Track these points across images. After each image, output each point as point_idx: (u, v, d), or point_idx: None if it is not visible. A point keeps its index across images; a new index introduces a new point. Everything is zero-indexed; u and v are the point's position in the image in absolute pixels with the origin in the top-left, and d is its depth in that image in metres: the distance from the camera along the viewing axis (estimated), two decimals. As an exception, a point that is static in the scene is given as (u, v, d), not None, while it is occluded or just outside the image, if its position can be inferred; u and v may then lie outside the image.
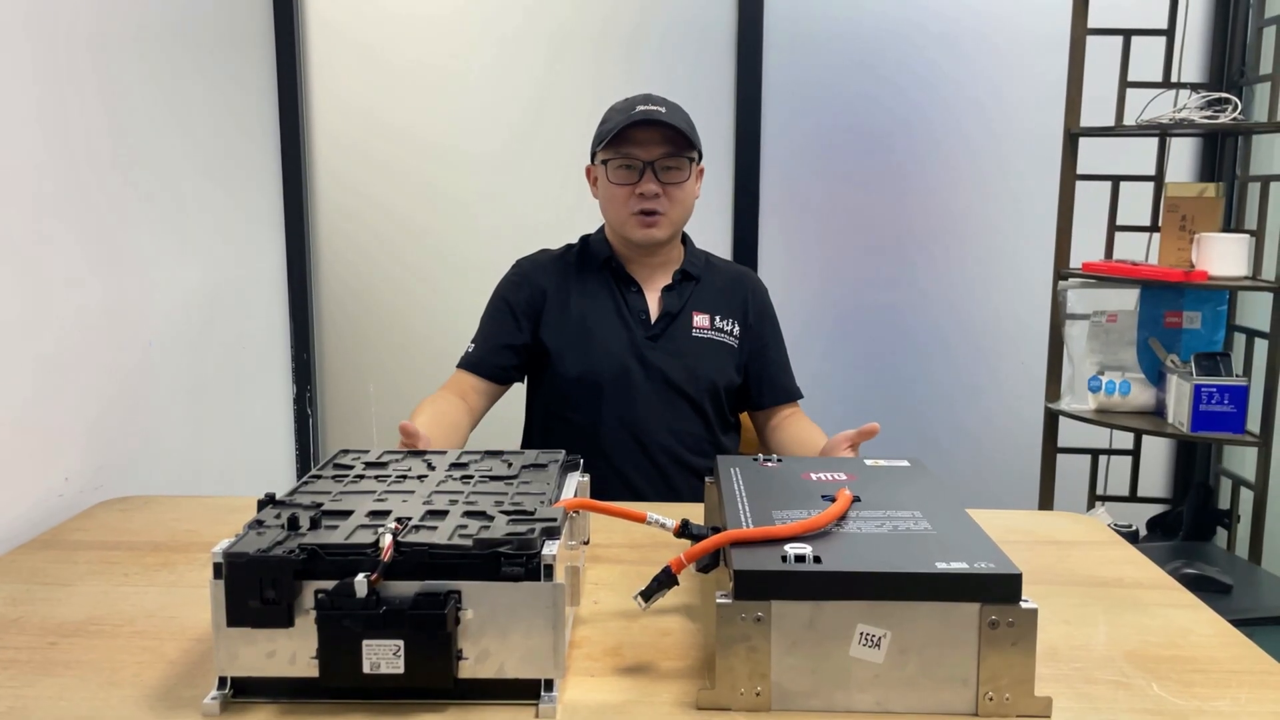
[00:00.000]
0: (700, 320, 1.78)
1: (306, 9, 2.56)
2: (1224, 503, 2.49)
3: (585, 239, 1.85)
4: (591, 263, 1.80)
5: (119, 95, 1.79)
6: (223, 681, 0.91)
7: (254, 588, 0.88)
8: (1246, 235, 2.17)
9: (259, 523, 0.96)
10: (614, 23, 2.56)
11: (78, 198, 1.66)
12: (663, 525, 1.05)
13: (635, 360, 1.74)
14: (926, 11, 2.54)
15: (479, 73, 2.58)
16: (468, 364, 1.77)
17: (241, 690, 0.92)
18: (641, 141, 1.67)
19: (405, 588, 0.89)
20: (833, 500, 1.04)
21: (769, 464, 1.24)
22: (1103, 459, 2.50)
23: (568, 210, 2.56)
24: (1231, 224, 2.41)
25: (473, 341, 1.79)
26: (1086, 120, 2.27)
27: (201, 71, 2.11)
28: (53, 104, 1.59)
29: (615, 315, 1.76)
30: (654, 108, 1.68)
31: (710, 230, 2.58)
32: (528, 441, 1.85)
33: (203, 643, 1.06)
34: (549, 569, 0.90)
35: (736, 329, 1.81)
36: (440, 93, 2.58)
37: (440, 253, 2.64)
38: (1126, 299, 2.34)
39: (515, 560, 0.90)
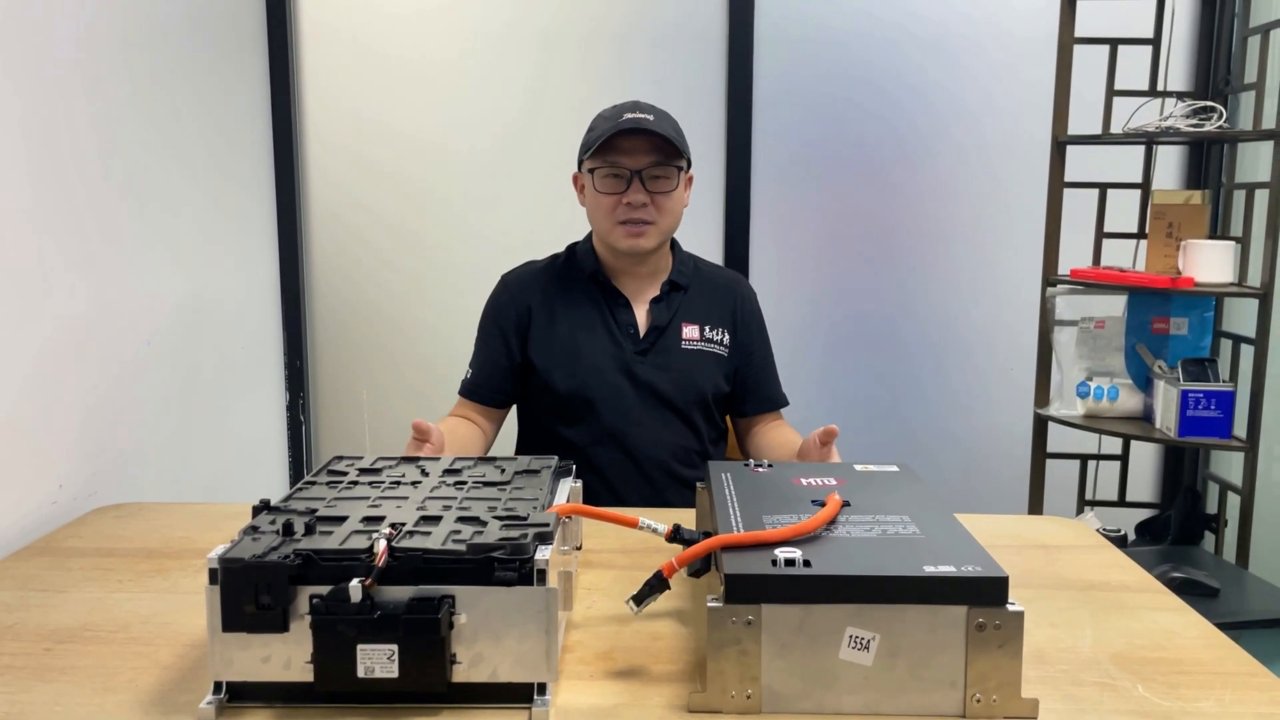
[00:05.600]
0: (689, 332, 1.78)
1: (299, 9, 2.56)
2: (1211, 507, 2.51)
3: (572, 249, 1.85)
4: (578, 275, 1.79)
5: (106, 98, 1.79)
6: (218, 686, 0.92)
7: (249, 593, 0.89)
8: (1232, 242, 2.19)
9: (254, 529, 0.97)
10: (609, 25, 2.56)
11: (67, 205, 1.66)
12: (654, 530, 1.06)
13: (624, 376, 1.74)
14: (917, 18, 2.56)
15: (474, 75, 2.59)
16: (467, 391, 1.79)
17: (236, 695, 0.93)
18: (628, 150, 1.66)
19: (399, 592, 0.90)
20: (822, 505, 1.06)
21: (760, 469, 1.25)
22: (1091, 464, 2.52)
23: (562, 214, 2.57)
24: (1217, 231, 2.43)
25: (470, 367, 1.81)
26: (1074, 128, 2.29)
27: (193, 74, 2.12)
28: (37, 108, 1.58)
29: (603, 330, 1.76)
30: (641, 115, 1.66)
31: (701, 236, 2.59)
32: (520, 454, 1.86)
33: (197, 648, 1.07)
34: (542, 574, 0.91)
35: (726, 338, 1.81)
36: (435, 95, 2.59)
37: (434, 257, 2.64)
38: (1114, 305, 2.36)
39: (508, 565, 0.91)
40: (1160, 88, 2.34)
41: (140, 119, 1.90)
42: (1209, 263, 2.16)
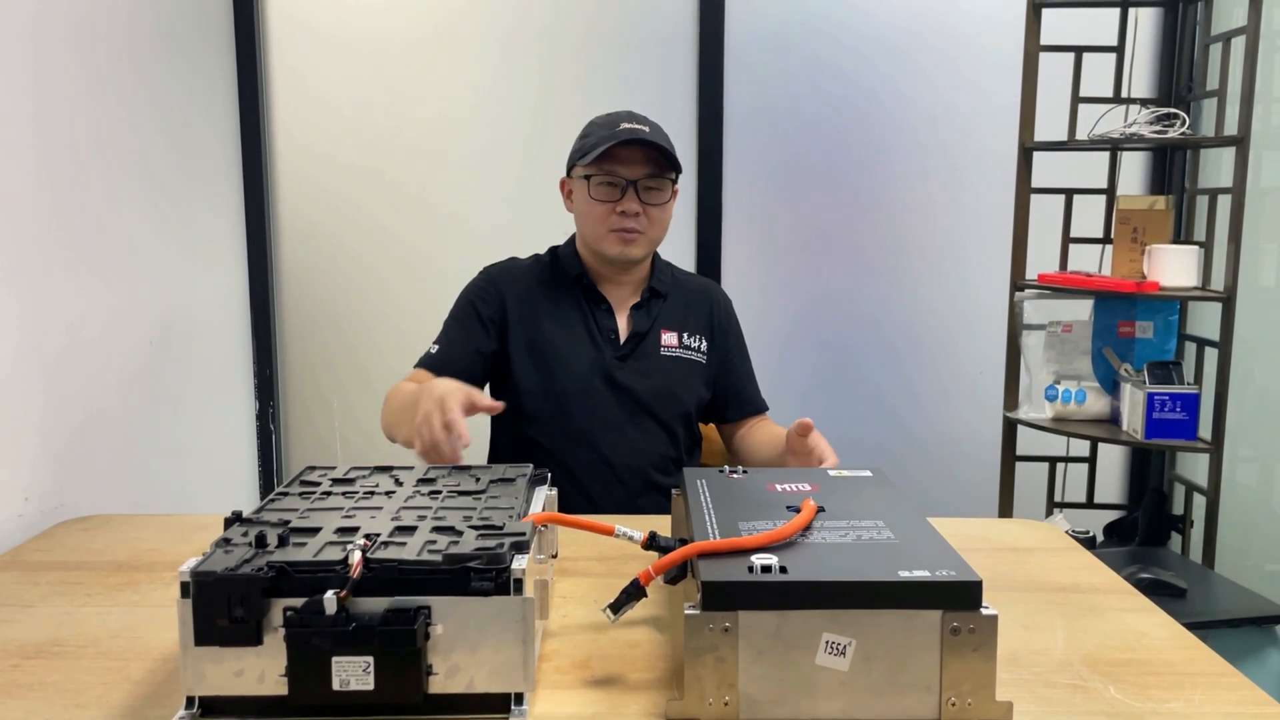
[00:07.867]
0: (668, 339, 1.79)
1: (268, 5, 2.53)
2: (1177, 508, 2.54)
3: (554, 251, 1.84)
4: (561, 278, 1.79)
5: (60, 96, 1.75)
6: (190, 701, 0.91)
7: (222, 606, 0.88)
8: (1196, 247, 2.23)
9: (226, 541, 0.96)
10: (582, 26, 2.56)
11: (22, 213, 1.63)
12: (631, 538, 1.06)
13: (603, 380, 1.74)
14: (887, 26, 2.58)
15: (447, 75, 2.57)
16: (432, 364, 1.70)
17: (209, 709, 0.91)
18: (625, 160, 1.67)
19: (374, 604, 0.89)
20: (798, 511, 1.06)
21: (735, 475, 1.25)
22: (1060, 466, 2.55)
23: (536, 214, 2.57)
24: (1181, 236, 2.47)
25: (435, 343, 1.74)
26: (1040, 134, 2.32)
27: (155, 71, 2.08)
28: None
29: (584, 334, 1.76)
30: (638, 126, 1.68)
31: (674, 242, 2.59)
32: (493, 460, 1.85)
33: (168, 662, 1.05)
34: (518, 583, 0.90)
35: (704, 345, 1.81)
36: (408, 95, 2.58)
37: (405, 261, 2.63)
38: (1081, 309, 2.39)
39: (484, 575, 0.90)
40: (1124, 95, 2.37)
41: (98, 119, 1.85)
42: (1173, 267, 2.20)
